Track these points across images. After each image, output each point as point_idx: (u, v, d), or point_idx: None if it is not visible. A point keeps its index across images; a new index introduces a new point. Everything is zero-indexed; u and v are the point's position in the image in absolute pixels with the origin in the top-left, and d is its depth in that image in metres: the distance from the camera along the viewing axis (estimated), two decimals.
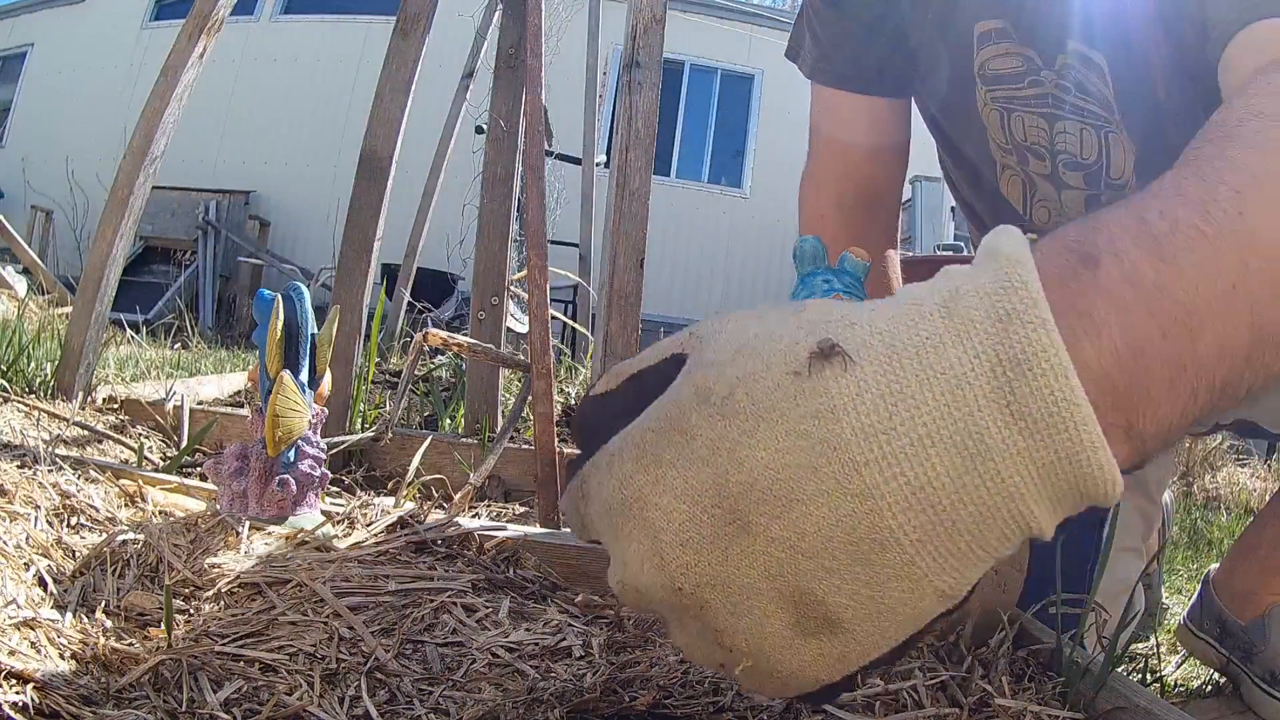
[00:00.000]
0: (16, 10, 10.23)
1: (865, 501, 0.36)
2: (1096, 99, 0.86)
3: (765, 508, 0.36)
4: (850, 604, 0.37)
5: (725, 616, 0.39)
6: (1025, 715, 0.56)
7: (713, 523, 0.37)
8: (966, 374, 0.35)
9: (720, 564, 0.37)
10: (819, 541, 0.36)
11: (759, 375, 0.38)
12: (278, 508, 0.81)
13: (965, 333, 0.36)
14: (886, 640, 0.39)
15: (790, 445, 0.36)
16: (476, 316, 1.58)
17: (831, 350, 0.37)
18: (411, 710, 0.53)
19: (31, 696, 0.46)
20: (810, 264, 0.66)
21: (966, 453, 0.35)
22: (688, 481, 0.38)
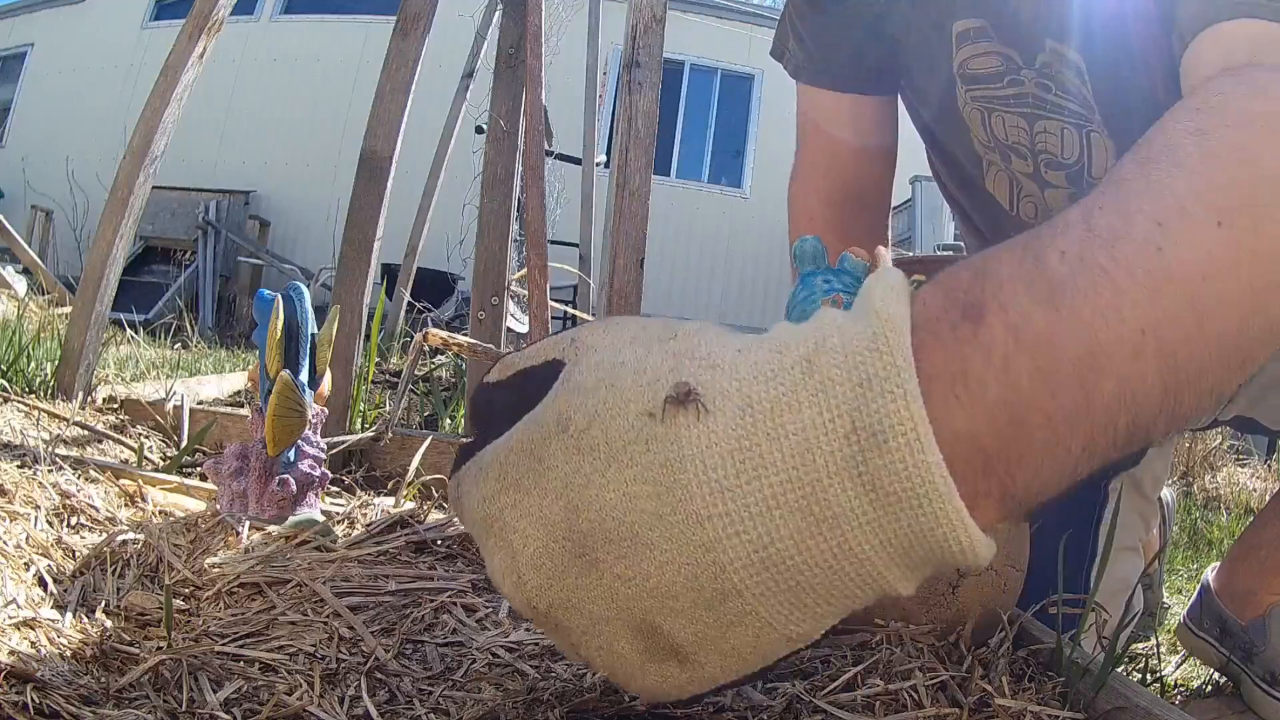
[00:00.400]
0: (16, 10, 10.22)
1: (708, 553, 0.35)
2: (1077, 98, 0.86)
3: (612, 548, 0.37)
4: (696, 640, 0.38)
5: (578, 635, 0.39)
6: (1025, 715, 0.55)
7: (564, 554, 0.38)
8: (819, 438, 0.34)
9: (571, 591, 0.38)
10: (662, 584, 0.36)
11: (615, 413, 0.37)
12: (278, 508, 0.81)
13: (822, 393, 0.35)
14: (736, 671, 0.40)
15: (638, 491, 0.36)
16: (476, 316, 1.58)
17: (687, 396, 0.36)
18: (411, 710, 0.53)
19: (31, 696, 0.46)
20: (810, 264, 0.66)
21: (813, 518, 0.35)
22: (542, 511, 0.38)
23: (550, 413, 0.39)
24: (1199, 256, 0.38)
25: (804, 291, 0.65)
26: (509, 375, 0.45)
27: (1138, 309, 0.36)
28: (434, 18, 1.41)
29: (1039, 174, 0.94)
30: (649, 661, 0.39)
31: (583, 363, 0.40)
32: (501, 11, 1.59)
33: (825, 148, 1.10)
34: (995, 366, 0.35)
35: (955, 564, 0.36)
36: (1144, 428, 0.38)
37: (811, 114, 1.10)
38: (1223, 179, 0.40)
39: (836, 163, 1.09)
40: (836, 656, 0.61)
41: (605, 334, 0.42)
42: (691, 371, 0.37)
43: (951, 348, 0.35)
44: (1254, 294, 0.39)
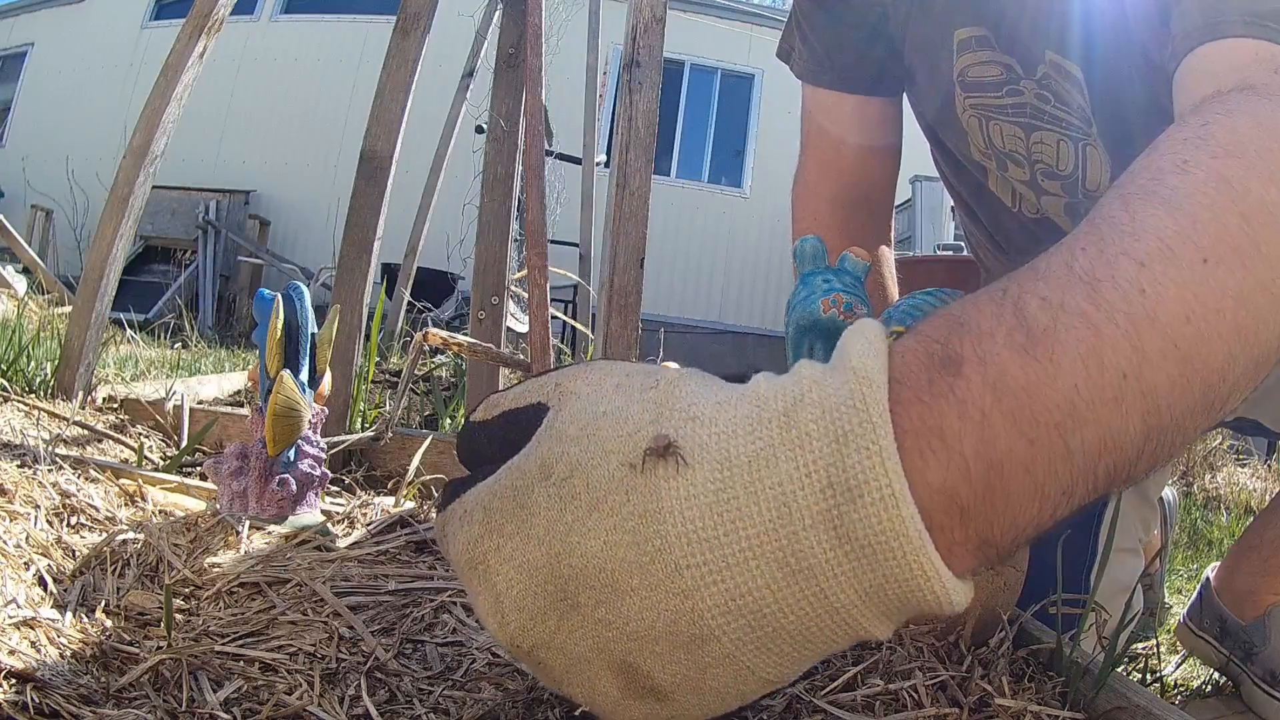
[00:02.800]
0: (16, 10, 10.22)
1: (686, 600, 0.36)
2: (1075, 110, 0.86)
3: (593, 593, 0.38)
4: (674, 681, 0.39)
5: (560, 673, 0.40)
6: (1025, 715, 0.55)
7: (546, 597, 0.39)
8: (796, 493, 0.35)
9: (553, 633, 0.39)
10: (642, 628, 0.37)
11: (596, 462, 0.38)
12: (278, 507, 0.81)
13: (799, 448, 0.35)
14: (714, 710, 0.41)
15: (618, 540, 0.37)
16: (476, 316, 1.58)
17: (667, 449, 0.37)
18: (411, 710, 0.53)
19: (31, 696, 0.46)
20: (810, 264, 0.66)
21: (789, 569, 0.35)
22: (525, 556, 0.39)
23: (533, 460, 0.40)
24: (1183, 296, 0.38)
25: (804, 291, 0.65)
26: (494, 415, 0.45)
27: (1119, 354, 0.36)
28: (434, 17, 1.41)
29: (1035, 182, 0.94)
30: (630, 699, 0.40)
31: (565, 409, 0.41)
32: (501, 11, 1.59)
33: (829, 149, 1.10)
34: (972, 420, 0.35)
35: (930, 612, 0.37)
36: (1124, 470, 0.38)
37: (816, 115, 1.10)
38: (1207, 215, 0.40)
39: (840, 164, 1.09)
40: (836, 656, 0.61)
41: (588, 380, 0.42)
42: (672, 423, 0.38)
43: (928, 403, 0.36)
44: (1238, 331, 0.39)
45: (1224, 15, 0.58)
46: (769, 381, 0.39)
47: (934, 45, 0.93)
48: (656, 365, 0.43)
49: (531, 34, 1.29)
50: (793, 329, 0.67)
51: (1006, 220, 1.04)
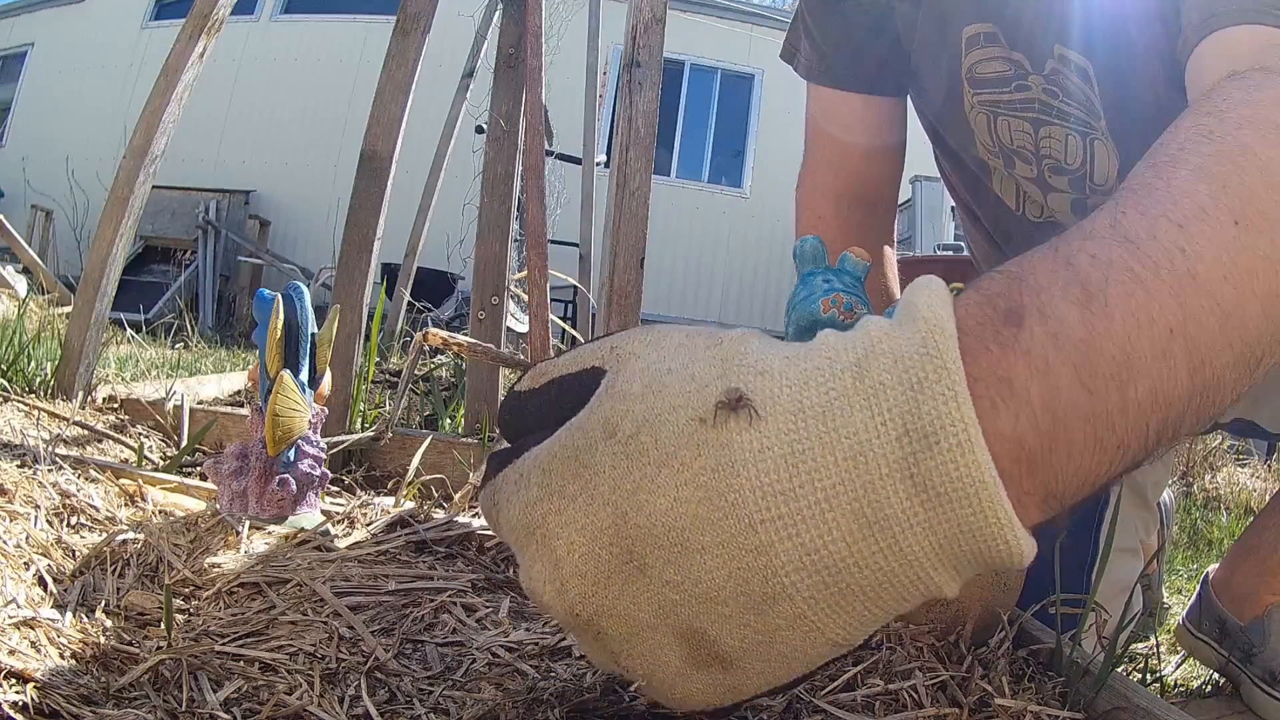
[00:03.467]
0: (16, 10, 10.22)
1: (760, 557, 0.36)
2: (1083, 104, 0.86)
3: (661, 553, 0.37)
4: (742, 646, 0.38)
5: (621, 644, 0.39)
6: (1025, 715, 0.56)
7: (611, 560, 0.38)
8: (871, 441, 0.35)
9: (616, 598, 0.38)
10: (712, 589, 0.36)
11: (665, 418, 0.37)
12: (278, 507, 0.81)
13: (874, 397, 0.35)
14: (778, 678, 0.40)
15: (689, 495, 0.36)
16: (476, 316, 1.58)
17: (738, 402, 0.36)
18: (411, 710, 0.53)
19: (31, 696, 0.46)
20: (810, 264, 0.66)
21: (865, 520, 0.35)
22: (589, 518, 0.38)
23: (595, 419, 0.39)
24: (1219, 257, 0.39)
25: (804, 291, 0.65)
26: (542, 383, 0.44)
27: (1166, 310, 0.37)
28: (434, 17, 1.41)
29: (1043, 178, 0.94)
30: (692, 669, 0.39)
31: (625, 369, 0.40)
32: (501, 11, 1.59)
33: (833, 149, 1.10)
34: (1038, 370, 0.36)
35: (1000, 564, 0.37)
36: (1172, 427, 0.39)
37: (820, 115, 1.10)
38: (1236, 180, 0.42)
39: (845, 164, 1.09)
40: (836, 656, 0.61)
41: (647, 341, 0.42)
42: (741, 377, 0.37)
43: (995, 353, 0.36)
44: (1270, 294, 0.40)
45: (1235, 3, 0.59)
46: (837, 336, 0.39)
47: (941, 42, 0.93)
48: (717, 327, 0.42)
49: (531, 34, 1.29)
50: (793, 329, 0.67)
51: (1008, 222, 1.04)
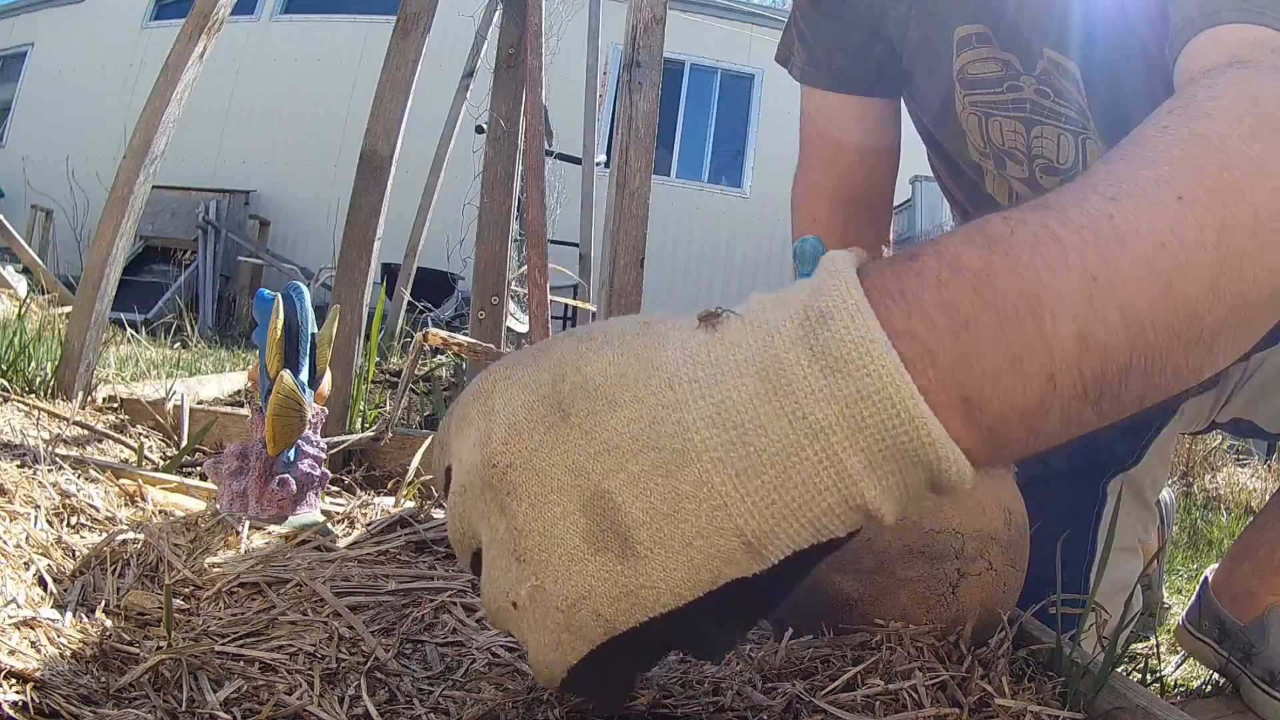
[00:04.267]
0: (16, 10, 10.22)
1: (674, 412, 0.38)
2: (1074, 106, 0.87)
3: (587, 404, 0.39)
4: (645, 520, 0.38)
5: (526, 508, 0.39)
6: (1025, 715, 0.56)
7: (540, 409, 0.40)
8: (778, 325, 0.38)
9: (534, 449, 0.39)
10: (625, 440, 0.38)
11: (617, 324, 0.43)
12: (278, 507, 0.81)
13: (782, 304, 0.40)
14: (677, 584, 0.38)
15: (624, 360, 0.40)
16: (476, 316, 1.58)
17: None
18: (411, 710, 0.53)
19: (31, 696, 0.46)
20: (810, 264, 0.66)
21: (770, 384, 0.37)
22: (533, 375, 0.41)
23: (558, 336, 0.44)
24: (1155, 227, 0.40)
25: None
26: None
27: (1084, 258, 0.38)
28: (434, 17, 1.41)
29: (1034, 179, 0.94)
30: (590, 551, 0.38)
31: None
32: (501, 11, 1.59)
33: (828, 150, 1.10)
34: (929, 283, 0.38)
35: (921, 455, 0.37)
36: (1114, 382, 0.39)
37: (815, 116, 1.10)
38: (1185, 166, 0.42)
39: (840, 165, 1.09)
40: (836, 656, 0.61)
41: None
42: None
43: (889, 274, 0.39)
44: (1222, 264, 0.40)
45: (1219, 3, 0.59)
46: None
47: (933, 44, 0.93)
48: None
49: (531, 34, 1.29)
50: None
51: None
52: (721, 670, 0.59)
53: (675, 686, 0.57)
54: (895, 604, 0.64)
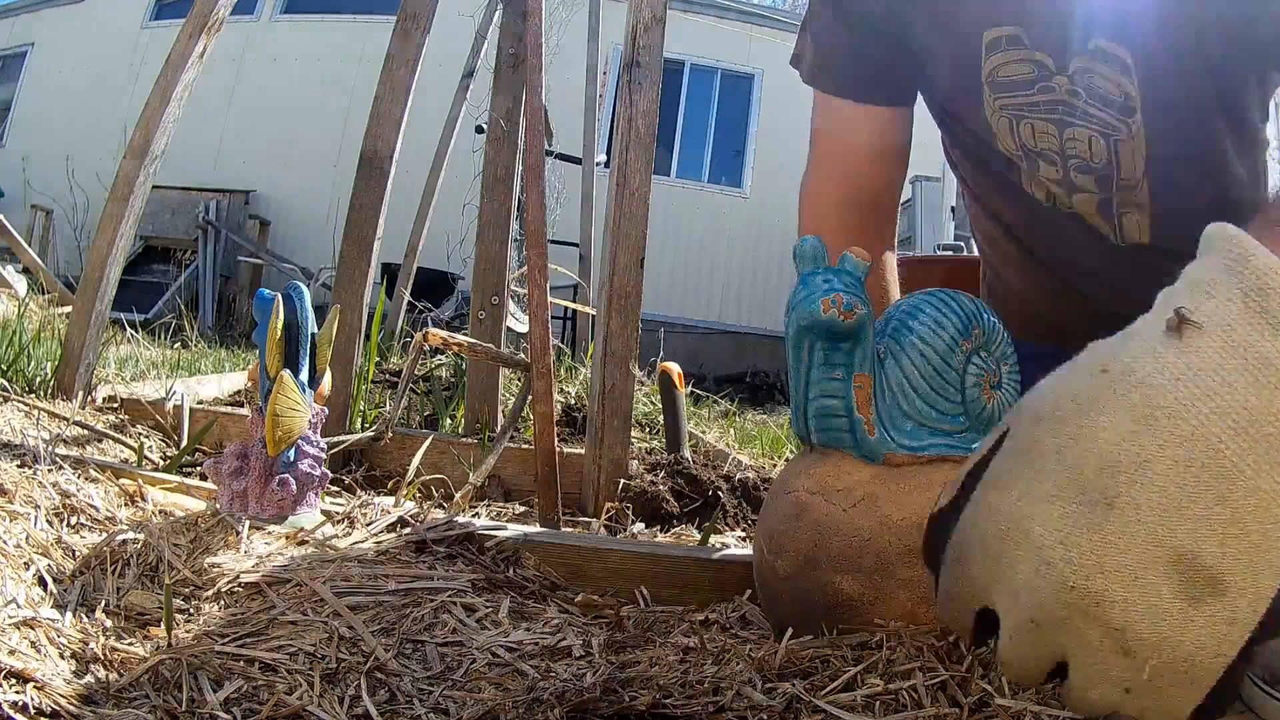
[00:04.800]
0: (16, 10, 10.21)
1: (1198, 444, 0.41)
2: (1109, 101, 0.86)
3: (1122, 477, 0.41)
4: (1222, 551, 0.40)
5: (1119, 602, 0.41)
6: (1025, 715, 0.55)
7: (1082, 510, 0.41)
8: (1229, 317, 0.42)
9: (1099, 548, 0.41)
10: (1173, 490, 0.41)
11: (1072, 381, 0.45)
12: (278, 507, 0.81)
13: (1203, 293, 0.43)
14: (1264, 591, 0.41)
15: (1121, 419, 0.42)
16: (476, 316, 1.58)
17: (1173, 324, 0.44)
18: (411, 710, 0.53)
19: (31, 696, 0.46)
20: (810, 264, 0.66)
21: (1251, 371, 0.41)
22: (1048, 485, 0.42)
23: (1016, 426, 0.47)
24: None
25: (804, 291, 0.65)
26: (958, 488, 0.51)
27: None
28: (434, 18, 1.41)
29: (1068, 179, 0.94)
30: (1189, 606, 0.41)
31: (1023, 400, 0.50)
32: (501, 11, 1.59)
33: (838, 155, 1.09)
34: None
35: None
36: None
37: (825, 120, 1.09)
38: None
39: (848, 166, 1.09)
40: (836, 656, 0.61)
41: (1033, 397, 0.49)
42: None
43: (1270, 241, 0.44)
44: None
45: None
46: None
47: (958, 49, 0.93)
48: None
49: (531, 34, 1.29)
50: (793, 329, 0.67)
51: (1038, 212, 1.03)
52: (721, 670, 0.59)
53: (675, 687, 0.57)
54: (895, 604, 0.64)
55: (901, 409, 0.67)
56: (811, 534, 0.66)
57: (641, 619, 0.76)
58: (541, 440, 1.17)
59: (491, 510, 1.30)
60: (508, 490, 1.43)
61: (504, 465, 1.41)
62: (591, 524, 1.24)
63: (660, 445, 1.79)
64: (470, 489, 1.11)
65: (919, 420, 0.67)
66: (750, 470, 1.50)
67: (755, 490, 1.42)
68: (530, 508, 1.32)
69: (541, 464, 1.16)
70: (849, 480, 0.67)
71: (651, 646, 0.67)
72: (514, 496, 1.42)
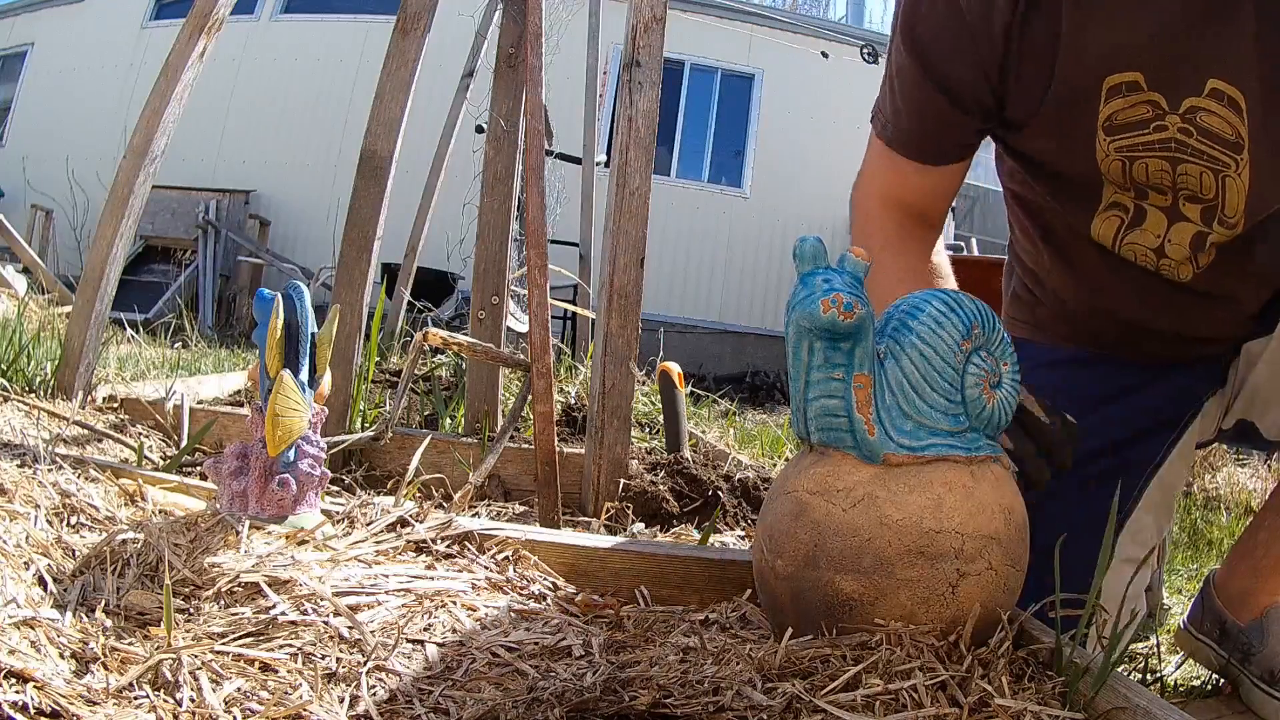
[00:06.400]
0: (16, 10, 10.21)
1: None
2: (1220, 139, 0.89)
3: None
4: None
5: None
6: (1025, 715, 0.56)
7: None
8: None
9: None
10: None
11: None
12: (278, 507, 0.81)
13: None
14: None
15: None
16: (476, 316, 1.58)
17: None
18: (411, 710, 0.53)
19: (31, 696, 0.46)
20: (810, 264, 0.66)
21: None
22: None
23: None
24: None
25: (804, 291, 0.65)
26: None
27: None
28: (434, 17, 1.41)
29: (1175, 207, 0.96)
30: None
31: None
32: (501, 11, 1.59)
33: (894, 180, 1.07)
34: None
35: None
36: None
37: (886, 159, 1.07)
38: None
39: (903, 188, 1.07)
40: (836, 656, 0.61)
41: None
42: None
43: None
44: None
45: None
46: None
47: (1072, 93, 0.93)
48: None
49: (531, 34, 1.29)
50: (793, 329, 0.67)
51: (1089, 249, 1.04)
52: (721, 670, 0.59)
53: (675, 687, 0.57)
54: (895, 604, 0.64)
55: (901, 409, 0.67)
56: (811, 534, 0.66)
57: (641, 619, 0.76)
58: (541, 440, 1.17)
59: (491, 510, 1.30)
60: (508, 490, 1.43)
61: (504, 465, 1.41)
62: (591, 524, 1.24)
63: (660, 445, 1.79)
64: (470, 489, 1.11)
65: (919, 420, 0.67)
66: (750, 470, 1.50)
67: (755, 490, 1.42)
68: (530, 508, 1.32)
69: (541, 464, 1.16)
70: (849, 480, 0.67)
71: (651, 646, 0.67)
72: (514, 496, 1.42)
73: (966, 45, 0.92)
